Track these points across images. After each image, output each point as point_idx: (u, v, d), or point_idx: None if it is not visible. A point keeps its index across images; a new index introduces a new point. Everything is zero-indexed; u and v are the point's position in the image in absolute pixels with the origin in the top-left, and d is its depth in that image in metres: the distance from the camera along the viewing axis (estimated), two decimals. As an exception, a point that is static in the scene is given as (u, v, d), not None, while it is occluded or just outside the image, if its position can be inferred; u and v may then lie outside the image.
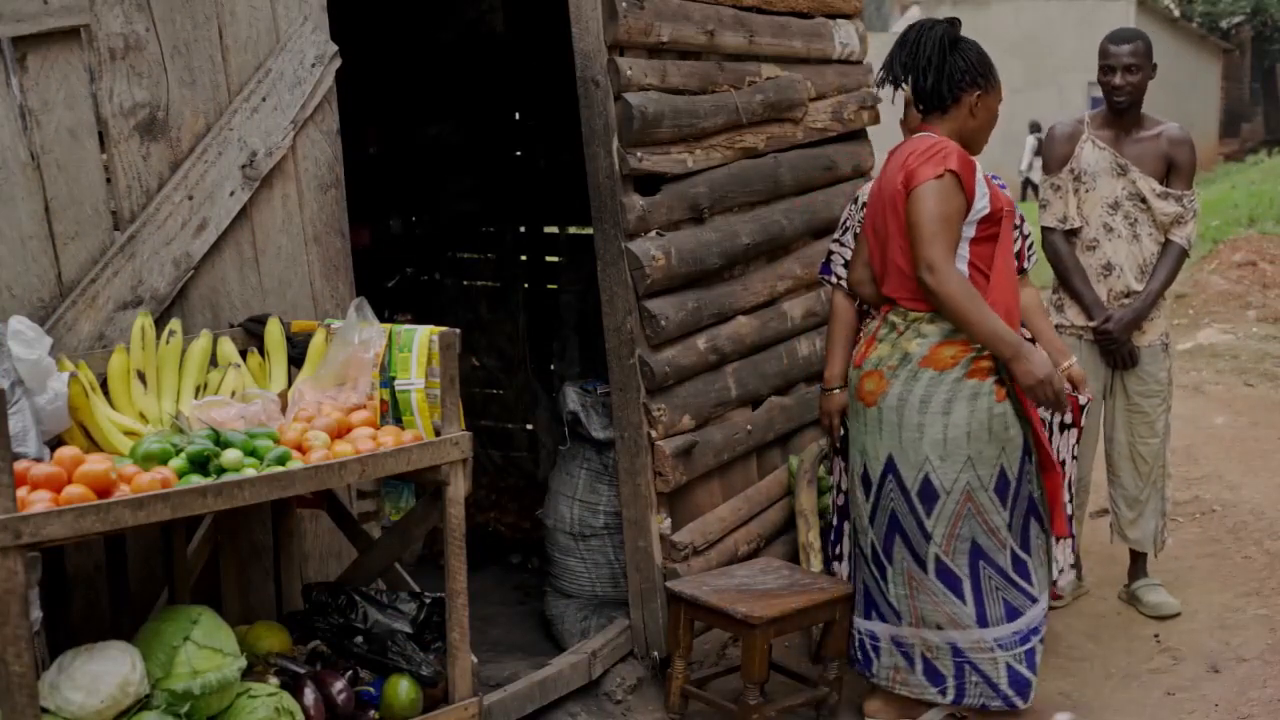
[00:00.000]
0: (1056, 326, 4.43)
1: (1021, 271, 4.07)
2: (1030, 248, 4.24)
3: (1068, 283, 4.59)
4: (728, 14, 4.40)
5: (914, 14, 22.71)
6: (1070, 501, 4.01)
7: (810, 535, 4.43)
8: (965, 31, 3.66)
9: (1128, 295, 4.51)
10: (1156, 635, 4.50)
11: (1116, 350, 4.52)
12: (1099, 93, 4.60)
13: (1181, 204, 4.51)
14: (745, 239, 4.43)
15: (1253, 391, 7.84)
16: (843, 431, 4.05)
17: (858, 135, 5.27)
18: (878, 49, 4.56)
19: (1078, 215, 4.55)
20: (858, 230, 3.97)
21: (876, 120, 5.34)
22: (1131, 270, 4.52)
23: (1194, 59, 26.15)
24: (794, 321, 4.72)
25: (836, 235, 4.22)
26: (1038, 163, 20.93)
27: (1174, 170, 4.53)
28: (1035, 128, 20.57)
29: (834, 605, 3.84)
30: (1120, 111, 4.53)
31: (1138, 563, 4.79)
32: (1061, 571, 4.13)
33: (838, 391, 4.03)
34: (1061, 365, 3.95)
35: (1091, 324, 4.52)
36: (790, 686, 4.00)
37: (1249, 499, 5.70)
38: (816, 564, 4.36)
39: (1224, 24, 30.51)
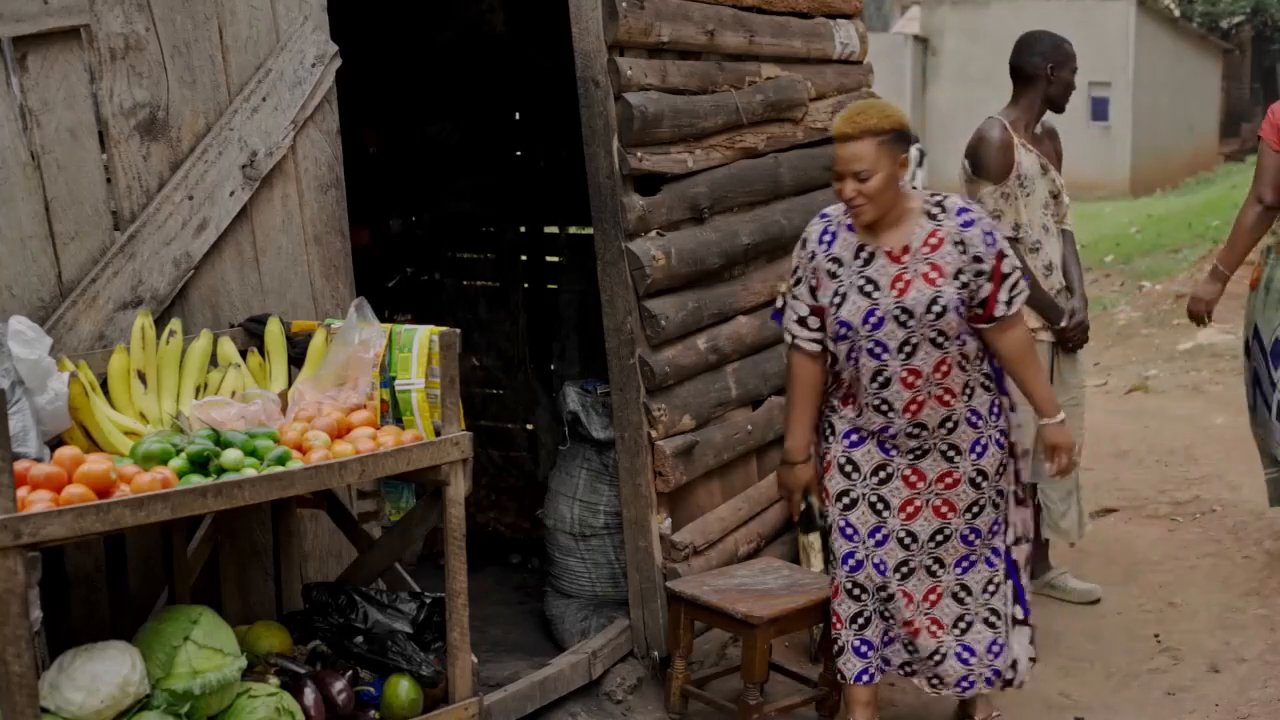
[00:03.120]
0: None
1: (997, 319, 3.43)
2: (1017, 290, 3.46)
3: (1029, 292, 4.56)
4: (728, 14, 4.40)
5: (914, 14, 22.72)
6: None
7: (810, 535, 4.43)
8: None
9: (1059, 290, 4.53)
10: (1157, 635, 4.50)
11: (1081, 336, 4.55)
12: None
13: (1066, 193, 4.64)
14: (745, 239, 4.43)
15: (1253, 391, 7.80)
16: (804, 506, 3.77)
17: (858, 135, 5.26)
18: (878, 49, 4.56)
19: (1027, 221, 4.52)
20: (812, 283, 3.46)
21: (876, 120, 5.33)
22: (1059, 265, 4.55)
23: (1194, 59, 26.13)
24: (794, 321, 4.71)
25: (789, 284, 3.59)
26: (919, 174, 21.29)
27: (1059, 161, 4.64)
28: (914, 139, 21.06)
29: (834, 605, 3.84)
30: (1038, 114, 4.55)
31: (1048, 556, 4.84)
32: None
33: (802, 465, 3.61)
34: (1042, 421, 3.52)
35: (1057, 325, 4.48)
36: (790, 686, 4.00)
37: (1249, 499, 5.69)
38: (817, 564, 4.36)
39: (1224, 24, 30.52)
